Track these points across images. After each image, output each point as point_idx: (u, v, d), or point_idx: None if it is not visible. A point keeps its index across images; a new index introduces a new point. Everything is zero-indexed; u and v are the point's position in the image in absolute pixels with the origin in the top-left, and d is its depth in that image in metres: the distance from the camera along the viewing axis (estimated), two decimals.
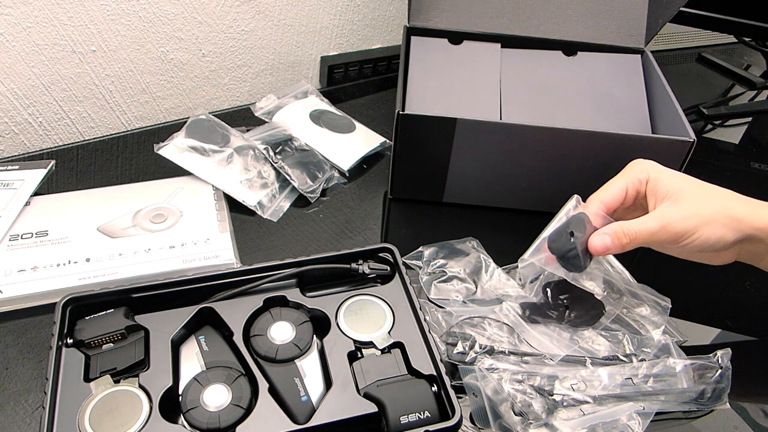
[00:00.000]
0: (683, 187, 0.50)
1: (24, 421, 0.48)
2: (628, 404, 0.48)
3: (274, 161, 0.71)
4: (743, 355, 0.53)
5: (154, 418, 0.44)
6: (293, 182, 0.70)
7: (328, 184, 0.74)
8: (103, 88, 0.78)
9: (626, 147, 0.63)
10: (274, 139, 0.74)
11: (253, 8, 0.83)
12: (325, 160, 0.75)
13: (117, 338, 0.49)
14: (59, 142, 0.80)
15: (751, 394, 0.53)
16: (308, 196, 0.71)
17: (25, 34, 0.69)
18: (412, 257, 0.62)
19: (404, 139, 0.66)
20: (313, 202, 0.71)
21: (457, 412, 0.44)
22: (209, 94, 0.88)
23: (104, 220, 0.64)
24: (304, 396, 0.47)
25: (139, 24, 0.75)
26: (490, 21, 0.80)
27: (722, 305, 0.63)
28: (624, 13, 0.79)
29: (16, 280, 0.57)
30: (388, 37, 0.99)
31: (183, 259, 0.60)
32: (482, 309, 0.56)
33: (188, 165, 0.70)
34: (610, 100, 0.75)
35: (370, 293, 0.55)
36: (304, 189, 0.70)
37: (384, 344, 0.50)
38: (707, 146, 0.91)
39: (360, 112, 0.86)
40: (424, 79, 0.75)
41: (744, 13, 0.93)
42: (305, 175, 0.71)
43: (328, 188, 0.74)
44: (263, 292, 0.54)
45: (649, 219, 0.49)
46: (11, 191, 0.66)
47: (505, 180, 0.69)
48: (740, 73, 1.09)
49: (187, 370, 0.49)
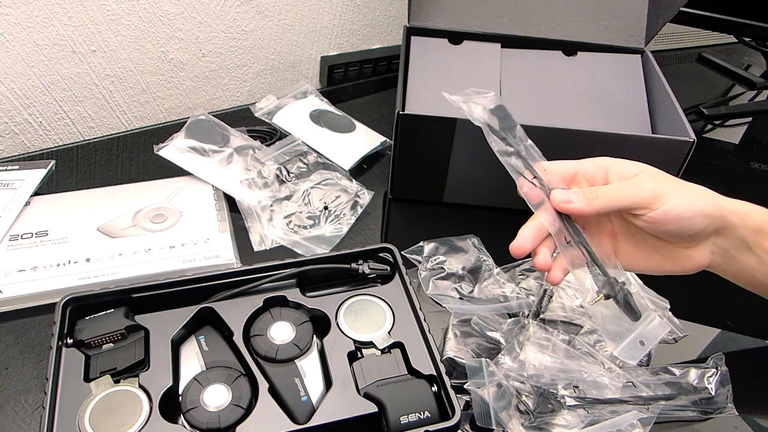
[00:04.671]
0: (653, 168, 0.46)
1: (24, 421, 0.48)
2: (632, 413, 0.48)
3: (288, 179, 0.70)
4: (743, 355, 0.53)
5: (154, 418, 0.44)
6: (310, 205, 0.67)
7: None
8: (103, 88, 0.78)
9: (626, 147, 0.63)
10: (287, 156, 0.73)
11: (253, 8, 0.83)
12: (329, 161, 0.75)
13: (117, 338, 0.49)
14: (59, 142, 0.80)
15: (750, 395, 0.53)
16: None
17: (25, 34, 0.69)
18: (413, 251, 0.62)
19: (404, 139, 0.66)
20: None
21: (457, 412, 0.44)
22: (209, 94, 0.88)
23: (104, 220, 0.64)
24: (304, 396, 0.47)
25: (139, 24, 0.75)
26: (490, 21, 0.80)
27: (722, 305, 0.63)
28: (624, 13, 0.79)
29: (16, 280, 0.57)
30: (388, 37, 0.99)
31: (183, 259, 0.60)
32: (479, 308, 0.56)
33: (188, 165, 0.70)
34: (610, 100, 0.75)
35: (370, 293, 0.55)
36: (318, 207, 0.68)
37: (384, 344, 0.50)
38: (707, 146, 0.91)
39: (360, 112, 0.86)
40: (424, 79, 0.75)
41: (744, 13, 0.93)
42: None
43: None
44: (263, 292, 0.53)
45: (619, 182, 0.45)
46: (11, 191, 0.66)
47: (505, 180, 0.68)
48: (740, 73, 1.09)
49: (187, 370, 0.49)
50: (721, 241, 0.46)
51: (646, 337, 0.43)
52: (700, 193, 0.45)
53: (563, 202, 0.43)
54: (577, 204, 0.43)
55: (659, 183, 0.44)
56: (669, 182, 0.45)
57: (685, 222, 0.44)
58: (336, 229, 0.65)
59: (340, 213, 0.65)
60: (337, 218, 0.65)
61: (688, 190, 0.44)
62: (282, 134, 0.79)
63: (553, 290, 0.58)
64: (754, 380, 0.56)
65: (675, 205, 0.43)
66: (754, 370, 0.57)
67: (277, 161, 0.73)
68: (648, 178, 0.44)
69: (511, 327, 0.54)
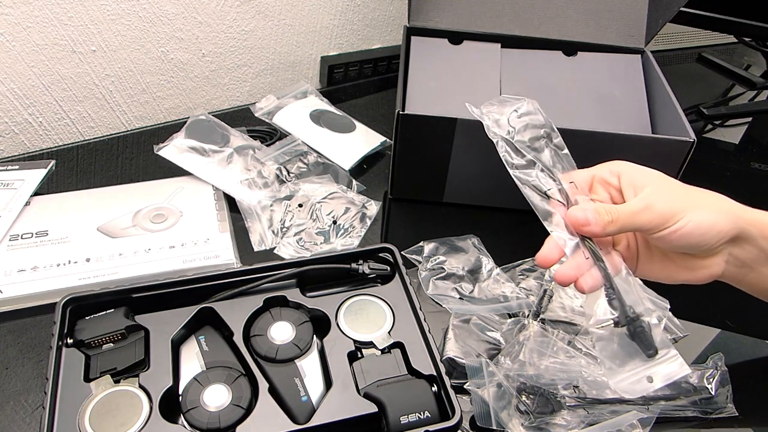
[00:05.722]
0: (664, 177, 0.45)
1: (24, 421, 0.48)
2: (632, 413, 0.48)
3: (288, 179, 0.71)
4: (743, 355, 0.53)
5: (154, 418, 0.44)
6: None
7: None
8: (103, 88, 0.78)
9: (626, 147, 0.63)
10: (287, 157, 0.73)
11: (253, 8, 0.83)
12: (329, 161, 0.75)
13: (117, 338, 0.49)
14: (59, 142, 0.80)
15: (750, 395, 0.53)
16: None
17: (25, 34, 0.69)
18: (413, 251, 0.62)
19: (404, 139, 0.66)
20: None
21: (457, 412, 0.44)
22: (209, 94, 0.88)
23: (104, 220, 0.64)
24: (304, 396, 0.47)
25: (139, 24, 0.75)
26: (490, 21, 0.80)
27: (722, 305, 0.62)
28: (624, 13, 0.79)
29: (16, 280, 0.57)
30: (388, 37, 0.99)
31: (183, 259, 0.60)
32: (479, 308, 0.56)
33: (188, 165, 0.70)
34: (610, 100, 0.75)
35: (370, 293, 0.55)
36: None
37: (384, 344, 0.50)
38: (707, 146, 0.91)
39: (360, 112, 0.86)
40: (424, 79, 0.75)
41: (744, 13, 0.93)
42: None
43: None
44: (263, 292, 0.53)
45: (631, 201, 0.44)
46: (11, 191, 0.66)
47: (505, 180, 0.68)
48: (740, 73, 1.09)
49: (187, 370, 0.49)
50: (738, 251, 0.45)
51: (659, 375, 0.41)
52: (714, 206, 0.43)
53: (582, 225, 0.43)
54: (594, 228, 0.43)
55: (670, 201, 0.43)
56: (681, 197, 0.43)
57: (695, 239, 0.43)
58: (346, 243, 0.65)
59: (349, 226, 0.66)
60: (347, 232, 0.65)
61: (699, 205, 0.43)
62: (282, 134, 0.79)
63: (553, 290, 0.58)
64: (754, 380, 0.56)
65: (685, 224, 0.42)
66: (754, 370, 0.57)
67: (277, 161, 0.73)
68: (659, 196, 0.43)
69: (511, 327, 0.54)
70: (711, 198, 0.44)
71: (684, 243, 0.43)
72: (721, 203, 0.44)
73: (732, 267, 0.46)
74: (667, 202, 0.43)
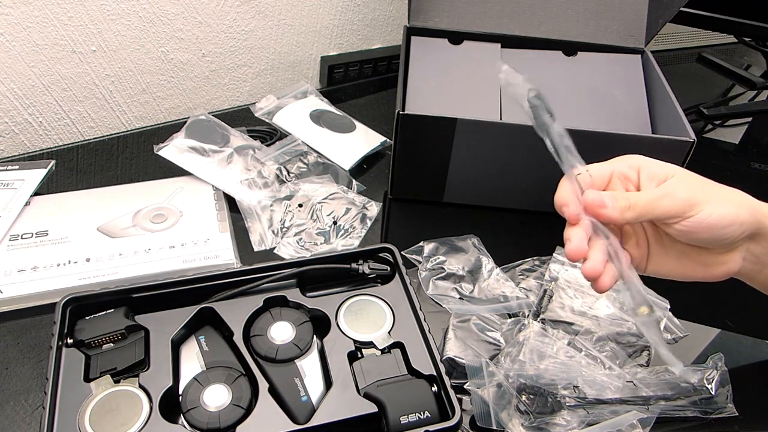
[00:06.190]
0: (685, 170, 0.45)
1: (24, 421, 0.48)
2: (632, 413, 0.48)
3: (288, 179, 0.71)
4: (743, 355, 0.52)
5: (154, 418, 0.44)
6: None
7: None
8: (103, 88, 0.78)
9: (626, 147, 0.62)
10: (287, 157, 0.73)
11: (253, 8, 0.83)
12: (330, 161, 0.75)
13: (117, 338, 0.49)
14: (59, 142, 0.80)
15: (750, 395, 0.53)
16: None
17: (25, 34, 0.69)
18: (413, 251, 0.62)
19: (404, 139, 0.66)
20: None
21: (457, 412, 0.44)
22: (209, 94, 0.88)
23: (104, 220, 0.64)
24: (304, 396, 0.47)
25: (139, 24, 0.75)
26: (490, 21, 0.80)
27: (722, 305, 0.63)
28: (624, 13, 0.79)
29: (16, 280, 0.57)
30: (388, 37, 0.99)
31: (183, 259, 0.60)
32: (479, 308, 0.56)
33: (188, 165, 0.70)
34: (610, 100, 0.75)
35: (370, 293, 0.55)
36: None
37: (384, 344, 0.50)
38: (707, 146, 0.91)
39: (360, 112, 0.86)
40: (424, 79, 0.75)
41: (744, 13, 0.93)
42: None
43: None
44: (263, 292, 0.53)
45: (651, 189, 0.43)
46: (11, 191, 0.66)
47: (505, 180, 0.69)
48: (740, 73, 1.09)
49: (187, 370, 0.49)
50: (755, 247, 0.45)
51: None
52: (735, 200, 0.43)
53: (598, 206, 0.42)
54: (611, 213, 0.42)
55: (692, 190, 0.42)
56: (702, 188, 0.43)
57: (718, 231, 0.42)
58: (347, 243, 0.65)
59: (350, 227, 0.66)
60: (347, 232, 0.65)
61: (722, 197, 0.43)
62: (282, 134, 0.79)
63: (553, 290, 0.58)
64: (754, 380, 0.56)
65: (708, 215, 0.41)
66: (754, 370, 0.57)
67: (277, 161, 0.73)
68: (680, 185, 0.43)
69: (511, 327, 0.54)
70: (732, 192, 0.44)
71: (707, 236, 0.42)
72: (742, 198, 0.44)
73: (748, 264, 0.46)
74: (688, 190, 0.42)
